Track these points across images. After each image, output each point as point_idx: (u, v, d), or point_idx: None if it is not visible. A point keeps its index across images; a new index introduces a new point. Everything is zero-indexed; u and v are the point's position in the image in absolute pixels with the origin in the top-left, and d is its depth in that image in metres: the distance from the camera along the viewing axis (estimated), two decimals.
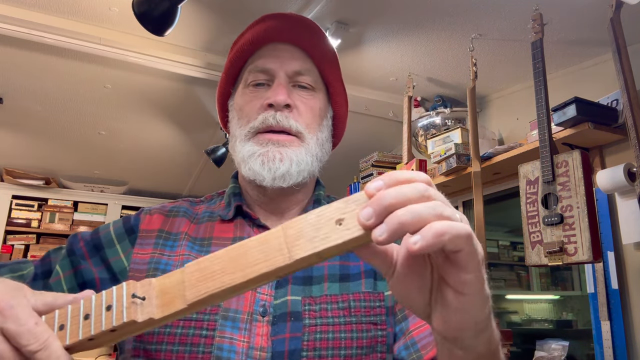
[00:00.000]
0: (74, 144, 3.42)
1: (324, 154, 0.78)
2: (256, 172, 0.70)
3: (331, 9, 1.88)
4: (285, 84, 0.73)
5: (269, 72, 0.75)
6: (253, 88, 0.75)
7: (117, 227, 0.75)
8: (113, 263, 0.71)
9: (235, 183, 0.80)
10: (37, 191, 4.09)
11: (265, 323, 0.64)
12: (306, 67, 0.76)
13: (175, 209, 0.78)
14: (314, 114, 0.76)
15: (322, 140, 0.77)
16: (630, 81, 1.57)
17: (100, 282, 0.69)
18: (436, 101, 2.56)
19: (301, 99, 0.75)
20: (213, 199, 0.83)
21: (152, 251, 0.71)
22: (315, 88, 0.77)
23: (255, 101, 0.74)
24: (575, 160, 1.64)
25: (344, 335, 0.64)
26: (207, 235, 0.73)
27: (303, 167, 0.72)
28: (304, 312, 0.65)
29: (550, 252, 1.63)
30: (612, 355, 1.79)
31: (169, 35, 1.55)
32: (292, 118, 0.72)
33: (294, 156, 0.71)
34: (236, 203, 0.75)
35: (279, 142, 0.71)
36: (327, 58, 0.79)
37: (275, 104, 0.71)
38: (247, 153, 0.72)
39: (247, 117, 0.74)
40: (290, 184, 0.71)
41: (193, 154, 3.52)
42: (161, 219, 0.75)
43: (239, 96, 0.78)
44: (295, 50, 0.76)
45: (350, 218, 0.37)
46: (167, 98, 2.67)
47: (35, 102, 2.74)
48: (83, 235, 0.75)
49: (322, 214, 0.38)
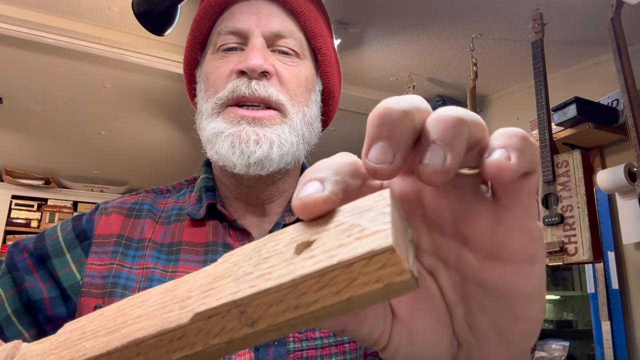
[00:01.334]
0: (74, 144, 3.42)
1: (312, 136, 0.63)
2: (224, 156, 0.56)
3: (331, 9, 1.87)
4: (261, 47, 0.58)
5: (241, 33, 0.59)
6: (223, 53, 0.60)
7: (66, 231, 0.61)
8: (62, 276, 0.57)
9: (207, 173, 0.66)
10: (37, 191, 4.09)
11: (246, 350, 0.53)
12: (289, 28, 0.61)
13: (138, 206, 0.64)
14: (300, 83, 0.60)
15: (310, 117, 0.62)
16: (630, 81, 1.57)
17: (50, 302, 0.56)
18: (436, 101, 2.56)
19: (283, 65, 0.60)
20: (182, 190, 0.68)
21: (110, 261, 0.57)
22: (300, 54, 0.62)
23: (225, 67, 0.59)
24: (575, 160, 1.64)
25: (335, 359, 0.54)
26: (175, 239, 0.60)
27: (287, 149, 0.57)
28: (287, 335, 0.53)
29: (550, 252, 1.63)
30: (612, 355, 1.79)
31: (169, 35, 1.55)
32: (271, 86, 0.57)
33: (274, 136, 0.56)
34: (208, 201, 0.61)
35: (255, 120, 0.56)
36: (314, 17, 0.64)
37: (248, 70, 0.56)
38: (213, 131, 0.57)
39: (214, 87, 0.59)
40: (270, 171, 0.57)
41: (193, 154, 3.52)
42: (120, 220, 0.61)
43: (206, 64, 0.63)
44: (275, 6, 0.61)
45: (327, 239, 0.19)
46: (167, 98, 2.67)
47: (35, 102, 2.73)
48: (25, 244, 0.60)
49: (276, 237, 0.21)
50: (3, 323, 0.56)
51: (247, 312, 0.19)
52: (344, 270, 0.17)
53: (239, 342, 0.19)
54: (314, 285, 0.18)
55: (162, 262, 0.58)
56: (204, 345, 0.19)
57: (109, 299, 0.55)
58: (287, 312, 0.18)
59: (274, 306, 0.18)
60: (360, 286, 0.17)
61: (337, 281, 0.17)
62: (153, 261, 0.58)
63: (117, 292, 0.55)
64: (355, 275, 0.17)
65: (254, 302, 0.18)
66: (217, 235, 0.60)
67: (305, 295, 0.18)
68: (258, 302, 0.18)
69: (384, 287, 0.17)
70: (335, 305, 0.18)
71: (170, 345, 0.20)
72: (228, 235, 0.60)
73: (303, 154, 0.62)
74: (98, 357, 0.22)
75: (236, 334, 0.19)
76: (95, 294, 0.56)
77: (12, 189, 4.01)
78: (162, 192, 0.68)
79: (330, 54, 0.66)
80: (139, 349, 0.21)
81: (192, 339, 0.20)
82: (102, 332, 0.23)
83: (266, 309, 0.18)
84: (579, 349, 2.24)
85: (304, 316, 0.18)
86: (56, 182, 4.17)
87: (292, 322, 0.18)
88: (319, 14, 0.65)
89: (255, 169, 0.56)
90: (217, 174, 0.65)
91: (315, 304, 0.18)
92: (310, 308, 0.18)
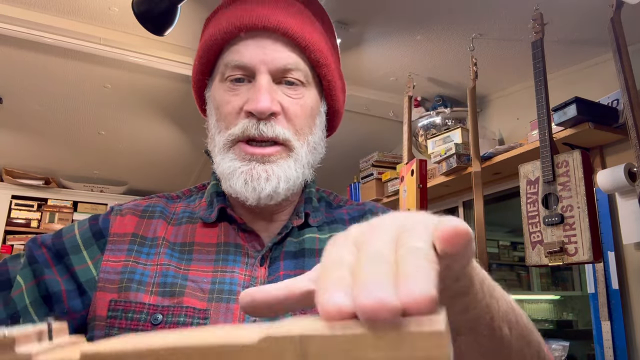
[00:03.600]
0: (74, 144, 3.42)
1: (317, 158, 0.68)
2: (238, 192, 0.61)
3: (331, 9, 1.87)
4: (268, 86, 0.61)
5: (248, 68, 0.62)
6: (231, 84, 0.64)
7: (83, 229, 0.65)
8: (79, 272, 0.61)
9: (218, 180, 0.69)
10: (37, 191, 4.09)
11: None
12: (294, 61, 0.63)
13: (151, 208, 0.68)
14: (305, 114, 0.65)
15: (314, 143, 0.67)
16: (630, 81, 1.57)
17: (67, 295, 0.60)
18: (436, 101, 2.56)
19: (289, 99, 0.63)
20: (192, 196, 0.73)
21: (126, 258, 0.62)
22: (306, 83, 0.65)
23: (234, 102, 0.63)
24: (575, 160, 1.64)
25: None
26: (187, 239, 0.65)
27: (292, 183, 0.63)
28: None
29: (550, 252, 1.63)
30: (612, 355, 1.79)
31: (168, 35, 1.55)
32: (277, 125, 0.61)
33: (281, 173, 0.61)
34: (219, 205, 0.66)
35: (264, 157, 0.61)
36: (319, 49, 0.66)
37: (256, 113, 0.60)
38: (228, 169, 0.62)
39: (226, 122, 0.63)
40: (277, 201, 0.63)
41: (193, 154, 3.52)
42: (134, 221, 0.65)
43: (215, 90, 0.66)
44: (279, 40, 0.63)
45: None
46: (167, 98, 2.67)
47: (35, 102, 2.73)
48: (43, 240, 0.64)
49: None
50: (22, 312, 0.59)
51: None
52: None
53: None
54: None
55: (175, 259, 0.62)
56: None
57: (125, 294, 0.59)
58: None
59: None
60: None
61: None
62: (167, 258, 0.62)
63: (133, 287, 0.59)
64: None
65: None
66: (229, 236, 0.65)
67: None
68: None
69: None
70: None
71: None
72: (239, 236, 0.65)
73: (309, 176, 0.67)
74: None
75: None
76: (110, 289, 0.60)
77: (12, 189, 4.01)
78: (172, 198, 0.72)
79: (335, 79, 0.70)
80: None
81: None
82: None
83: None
84: (579, 349, 2.25)
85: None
86: (56, 182, 4.16)
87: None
88: (324, 40, 0.68)
89: (265, 201, 0.61)
90: None
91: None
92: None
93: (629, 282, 1.82)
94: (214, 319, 0.57)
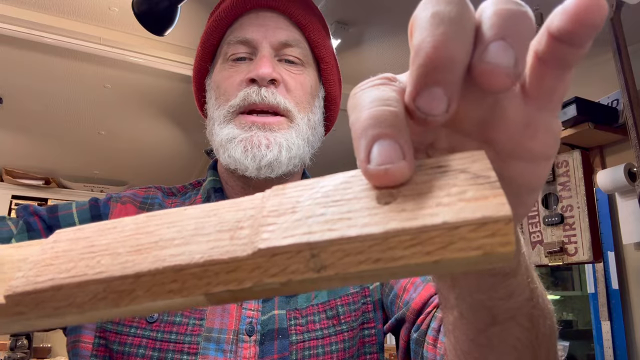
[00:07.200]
0: (74, 144, 3.42)
1: (316, 139, 0.66)
2: (237, 160, 0.59)
3: (331, 9, 1.87)
4: (269, 57, 0.62)
5: (250, 43, 0.63)
6: (233, 62, 0.64)
7: (82, 210, 0.62)
8: None
9: (214, 175, 0.68)
10: (37, 191, 4.09)
11: (252, 343, 0.55)
12: (295, 38, 0.65)
13: (149, 200, 0.67)
14: (305, 90, 0.64)
15: (314, 122, 0.65)
16: (630, 81, 1.57)
17: None
18: None
19: (289, 74, 0.64)
20: (187, 193, 0.71)
21: None
22: (305, 63, 0.66)
23: (235, 76, 0.63)
24: (575, 160, 1.64)
25: (335, 347, 0.58)
26: None
27: (294, 152, 0.60)
28: (290, 327, 0.58)
29: (550, 252, 1.63)
30: (612, 355, 1.79)
31: (168, 35, 1.55)
32: (279, 94, 0.61)
33: (283, 140, 0.59)
34: (217, 200, 0.63)
35: (265, 125, 0.60)
36: (317, 29, 0.68)
37: (258, 78, 0.60)
38: (226, 137, 0.60)
39: (226, 95, 0.63)
40: (279, 174, 0.59)
41: (193, 154, 3.52)
42: (134, 211, 0.64)
43: (217, 73, 0.66)
44: (281, 19, 0.65)
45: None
46: (167, 98, 2.67)
47: (35, 102, 2.73)
48: (36, 210, 0.60)
49: (340, 179, 0.20)
50: None
51: (319, 257, 0.17)
52: (447, 232, 0.16)
53: (295, 285, 0.17)
54: (406, 242, 0.16)
55: None
56: (254, 283, 0.17)
57: None
58: (364, 264, 0.16)
59: (351, 256, 0.17)
60: (455, 250, 0.16)
61: (433, 242, 0.16)
62: None
63: None
64: (456, 239, 0.16)
65: (331, 247, 0.17)
66: None
67: (391, 250, 0.16)
68: (336, 249, 0.17)
69: (481, 256, 0.16)
70: (420, 266, 0.16)
71: (215, 278, 0.18)
72: None
73: (308, 156, 0.65)
74: (122, 278, 0.19)
75: (297, 276, 0.17)
76: None
77: (12, 189, 4.01)
78: (168, 193, 0.71)
79: (332, 62, 0.71)
80: (176, 275, 0.18)
81: (243, 275, 0.18)
82: (123, 250, 0.20)
83: (342, 257, 0.17)
84: (579, 349, 2.24)
85: (380, 270, 0.16)
86: (56, 182, 4.16)
87: (364, 274, 0.17)
88: (321, 26, 0.70)
89: (265, 171, 0.59)
90: (224, 176, 0.68)
91: (399, 260, 0.16)
92: (392, 264, 0.16)
93: (628, 282, 1.82)
94: (210, 320, 0.56)
